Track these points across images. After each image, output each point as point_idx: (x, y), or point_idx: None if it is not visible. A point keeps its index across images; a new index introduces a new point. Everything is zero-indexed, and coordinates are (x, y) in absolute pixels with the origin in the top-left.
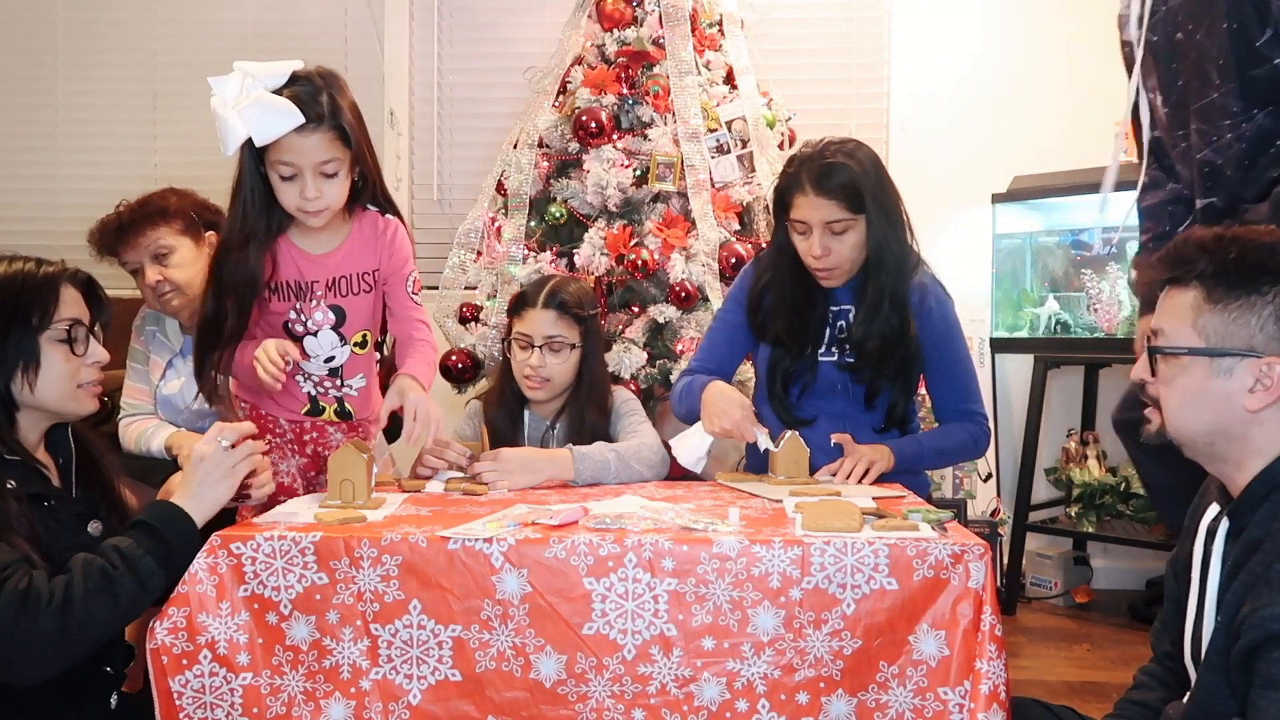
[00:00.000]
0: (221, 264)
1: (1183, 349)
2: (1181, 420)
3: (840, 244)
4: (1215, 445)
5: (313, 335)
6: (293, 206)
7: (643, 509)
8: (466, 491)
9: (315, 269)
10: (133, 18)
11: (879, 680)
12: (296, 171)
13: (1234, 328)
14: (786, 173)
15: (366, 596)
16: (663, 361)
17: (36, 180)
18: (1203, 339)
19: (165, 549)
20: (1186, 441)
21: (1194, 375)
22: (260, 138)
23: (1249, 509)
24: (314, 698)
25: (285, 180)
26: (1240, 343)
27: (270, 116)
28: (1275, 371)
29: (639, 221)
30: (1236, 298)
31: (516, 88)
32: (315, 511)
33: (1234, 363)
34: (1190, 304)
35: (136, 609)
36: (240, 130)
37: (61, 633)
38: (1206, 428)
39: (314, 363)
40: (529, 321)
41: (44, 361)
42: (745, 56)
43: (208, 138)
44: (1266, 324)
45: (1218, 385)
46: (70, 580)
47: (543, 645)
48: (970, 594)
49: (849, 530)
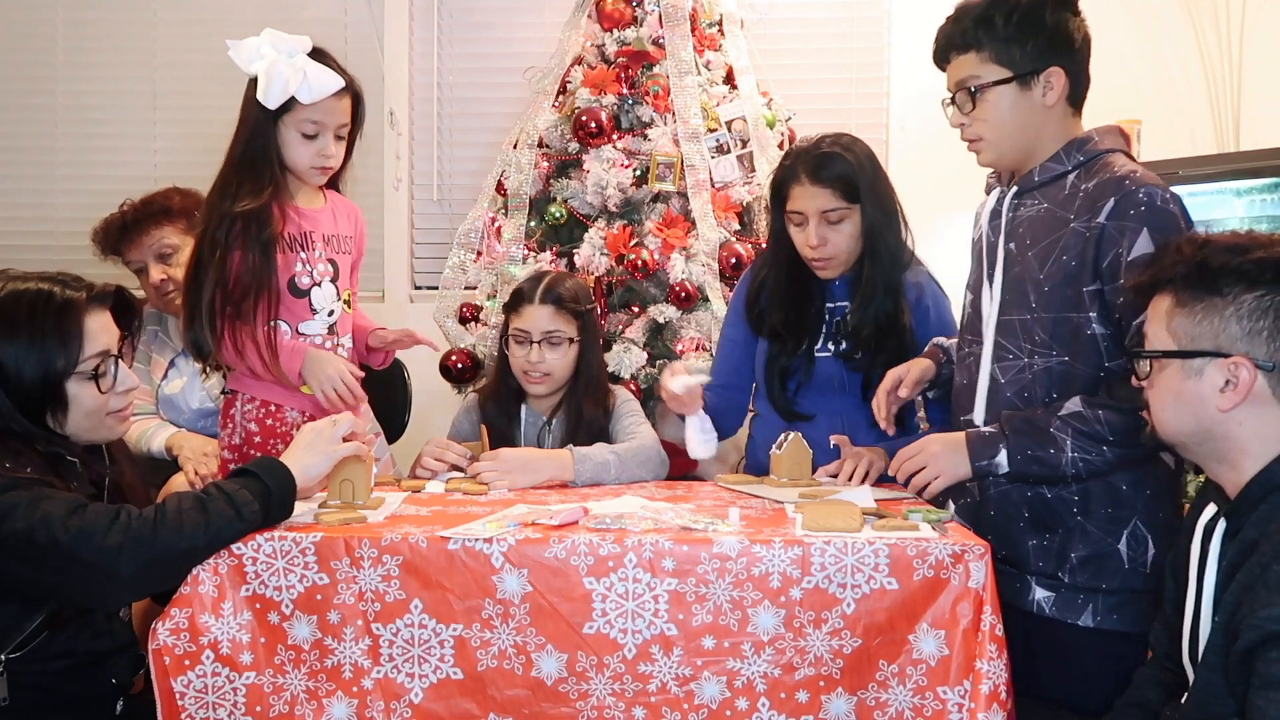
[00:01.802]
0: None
1: (1157, 352)
2: (1165, 422)
3: (836, 234)
4: (1203, 446)
5: (318, 286)
6: (305, 164)
7: (643, 509)
8: (467, 491)
9: (311, 221)
10: (133, 18)
11: (879, 679)
12: (320, 131)
13: (1201, 329)
14: (783, 165)
15: (367, 596)
16: (662, 362)
17: (36, 180)
18: (1175, 341)
19: (262, 487)
20: (1176, 442)
21: (1170, 377)
22: (310, 95)
23: (1246, 510)
24: (316, 697)
25: (307, 138)
26: (1208, 343)
27: (322, 77)
28: (1241, 371)
29: (639, 221)
30: (1201, 299)
31: (516, 88)
32: (315, 512)
33: (1204, 363)
34: (1165, 308)
35: (229, 533)
36: (293, 84)
37: (154, 538)
38: (1189, 429)
39: (317, 319)
40: (527, 317)
41: (72, 403)
42: (745, 56)
43: (208, 138)
44: (1229, 324)
45: (1191, 386)
46: (163, 503)
47: (544, 644)
48: (970, 594)
49: (849, 530)
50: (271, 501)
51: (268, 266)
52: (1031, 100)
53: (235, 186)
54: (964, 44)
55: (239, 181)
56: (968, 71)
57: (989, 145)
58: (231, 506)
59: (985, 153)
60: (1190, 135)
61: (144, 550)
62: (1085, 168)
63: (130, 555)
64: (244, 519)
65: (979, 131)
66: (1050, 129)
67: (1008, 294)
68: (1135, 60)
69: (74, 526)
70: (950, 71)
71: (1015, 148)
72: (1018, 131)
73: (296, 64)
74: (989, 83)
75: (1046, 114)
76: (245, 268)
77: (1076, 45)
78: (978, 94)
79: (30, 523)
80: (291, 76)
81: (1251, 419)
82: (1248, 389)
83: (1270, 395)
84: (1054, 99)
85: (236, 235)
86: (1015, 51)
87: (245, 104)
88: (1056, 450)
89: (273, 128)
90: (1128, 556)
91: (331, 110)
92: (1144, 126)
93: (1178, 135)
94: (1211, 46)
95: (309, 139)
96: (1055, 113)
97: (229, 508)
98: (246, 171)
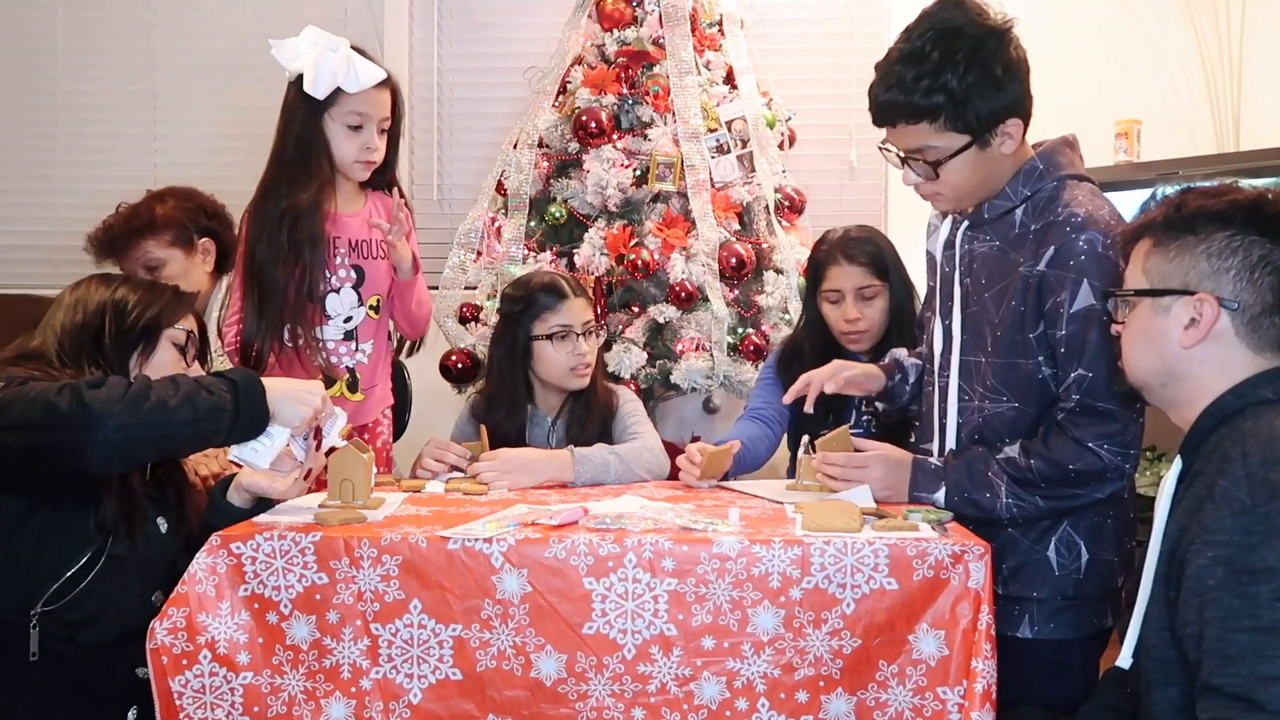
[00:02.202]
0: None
1: (1129, 291)
2: (1134, 362)
3: (870, 308)
4: (1168, 388)
5: (335, 292)
6: (351, 157)
7: (643, 509)
8: (467, 492)
9: (338, 225)
10: (133, 18)
11: (878, 679)
12: (364, 122)
13: (1172, 267)
14: (819, 248)
15: (367, 596)
16: (663, 361)
17: (36, 180)
18: (1148, 280)
19: (230, 384)
20: (1143, 385)
21: (1140, 316)
22: (354, 85)
23: (1198, 443)
24: (314, 697)
25: (352, 130)
26: (1176, 281)
27: (367, 69)
28: (1205, 307)
29: (639, 221)
30: (1176, 239)
31: (516, 88)
32: (315, 511)
33: (1171, 301)
34: (1144, 251)
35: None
36: (339, 74)
37: (126, 392)
38: (1155, 368)
39: (333, 324)
40: (568, 312)
41: (157, 352)
42: (745, 56)
43: (208, 138)
44: (1199, 261)
45: (1158, 324)
46: None
47: (543, 644)
48: (970, 594)
49: (849, 530)
50: (239, 398)
51: (316, 265)
52: (991, 154)
53: (286, 185)
54: (914, 114)
55: (289, 180)
56: (921, 142)
57: (948, 200)
58: (203, 387)
59: (944, 205)
60: (1190, 135)
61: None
62: (1032, 202)
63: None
64: (213, 393)
65: (937, 189)
66: (1005, 167)
67: (967, 333)
68: (1135, 60)
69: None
70: (897, 137)
71: (975, 197)
72: (979, 185)
73: (341, 55)
74: (951, 154)
75: (1004, 159)
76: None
77: (1024, 79)
78: (934, 161)
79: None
80: (338, 66)
81: (1212, 358)
82: (1209, 325)
83: (1233, 335)
84: (1013, 147)
85: (287, 234)
86: (970, 115)
87: (287, 106)
88: (992, 495)
89: (318, 123)
90: (1057, 563)
91: (374, 102)
92: (1144, 126)
93: (1178, 135)
94: (1211, 46)
95: (354, 131)
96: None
97: (198, 386)
98: (295, 169)
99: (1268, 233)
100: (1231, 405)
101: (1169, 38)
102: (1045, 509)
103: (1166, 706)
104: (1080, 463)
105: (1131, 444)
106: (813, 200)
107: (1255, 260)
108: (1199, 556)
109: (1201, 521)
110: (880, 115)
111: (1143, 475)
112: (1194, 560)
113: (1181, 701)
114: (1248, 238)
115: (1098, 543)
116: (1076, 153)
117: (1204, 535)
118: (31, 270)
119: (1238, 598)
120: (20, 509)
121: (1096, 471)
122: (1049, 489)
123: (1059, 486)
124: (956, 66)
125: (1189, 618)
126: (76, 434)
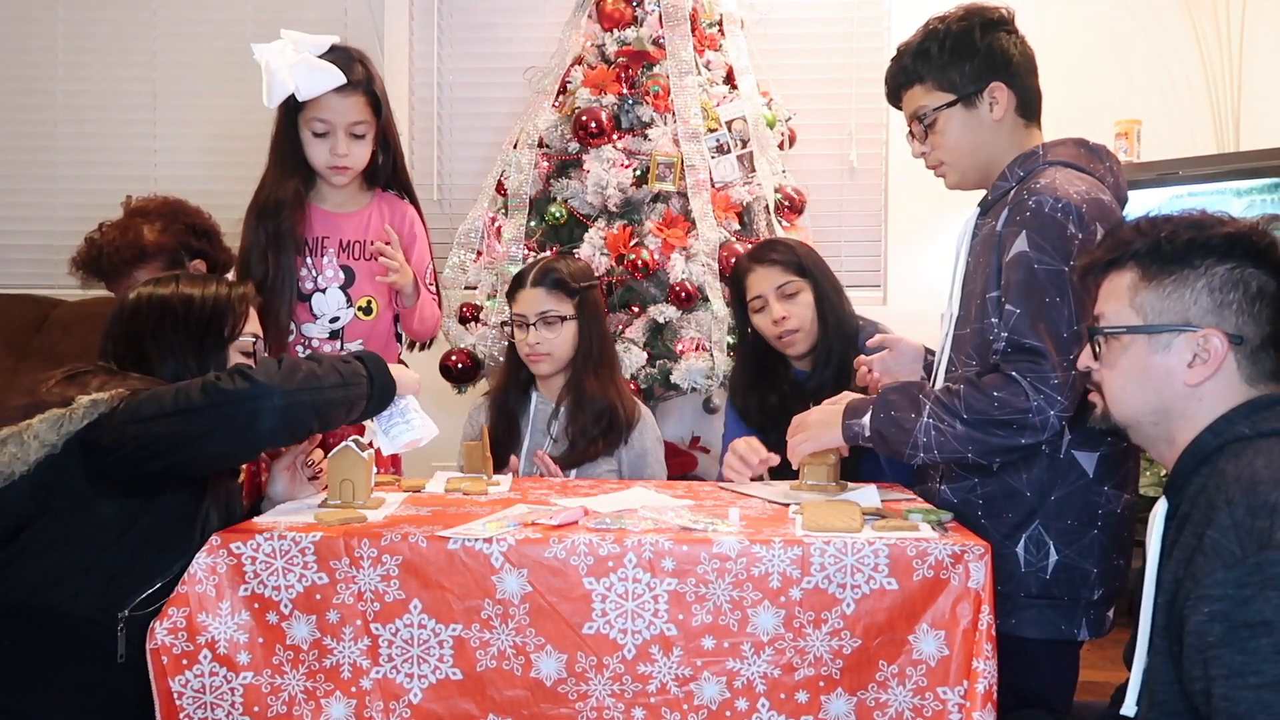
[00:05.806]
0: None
1: (1122, 328)
2: (1125, 401)
3: (795, 305)
4: (1159, 425)
5: (321, 293)
6: (321, 164)
7: (643, 508)
8: (467, 491)
9: (330, 226)
10: (133, 18)
11: (878, 679)
12: (329, 129)
13: (1169, 303)
14: (735, 269)
15: (367, 596)
16: (663, 361)
17: (36, 180)
18: (1140, 316)
19: (355, 356)
20: (1130, 423)
21: (1134, 354)
22: (304, 93)
23: (1181, 484)
24: (315, 697)
25: (318, 137)
26: (1176, 317)
27: (316, 75)
28: (1212, 343)
29: (639, 221)
30: (1170, 273)
31: (516, 88)
32: (315, 511)
33: (1171, 337)
34: (1128, 284)
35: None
36: (288, 84)
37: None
38: (1150, 406)
39: (318, 324)
40: (523, 301)
41: (229, 362)
42: (745, 56)
43: (208, 138)
44: (1200, 296)
45: (1157, 361)
46: None
47: (543, 644)
48: (970, 594)
49: (849, 530)
50: (374, 376)
51: (284, 262)
52: (979, 118)
53: (275, 182)
54: (908, 79)
55: (272, 180)
56: (917, 104)
57: (950, 168)
58: (345, 361)
59: (949, 175)
60: (1190, 135)
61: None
62: (1024, 182)
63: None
64: (348, 362)
65: (939, 157)
66: (1003, 144)
67: (962, 309)
68: (1135, 60)
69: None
70: (904, 109)
71: (974, 166)
72: (973, 150)
73: (289, 61)
74: (937, 107)
75: (997, 129)
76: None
77: (1015, 60)
78: (929, 121)
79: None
80: (287, 75)
81: (1211, 395)
82: (1220, 360)
83: (1235, 370)
84: (1000, 113)
85: (264, 229)
86: (954, 75)
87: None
88: (916, 414)
89: (294, 128)
90: (1024, 560)
91: (337, 108)
92: (1144, 126)
93: (1178, 135)
94: (1211, 46)
95: (319, 138)
96: (1005, 127)
97: (341, 362)
98: (276, 170)
99: (1264, 264)
100: (1210, 444)
101: (1169, 38)
102: (962, 437)
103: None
104: (1004, 391)
105: (1058, 391)
106: (813, 200)
107: (1255, 292)
108: (1195, 613)
109: (1195, 575)
110: (890, 93)
111: (1143, 475)
112: (1191, 616)
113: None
114: (1247, 270)
115: (1071, 546)
116: (1084, 150)
117: (1199, 590)
118: (32, 270)
119: (1239, 654)
120: (124, 515)
121: (1019, 409)
122: (970, 416)
123: (980, 416)
124: (940, 35)
125: (1195, 674)
126: (247, 405)
